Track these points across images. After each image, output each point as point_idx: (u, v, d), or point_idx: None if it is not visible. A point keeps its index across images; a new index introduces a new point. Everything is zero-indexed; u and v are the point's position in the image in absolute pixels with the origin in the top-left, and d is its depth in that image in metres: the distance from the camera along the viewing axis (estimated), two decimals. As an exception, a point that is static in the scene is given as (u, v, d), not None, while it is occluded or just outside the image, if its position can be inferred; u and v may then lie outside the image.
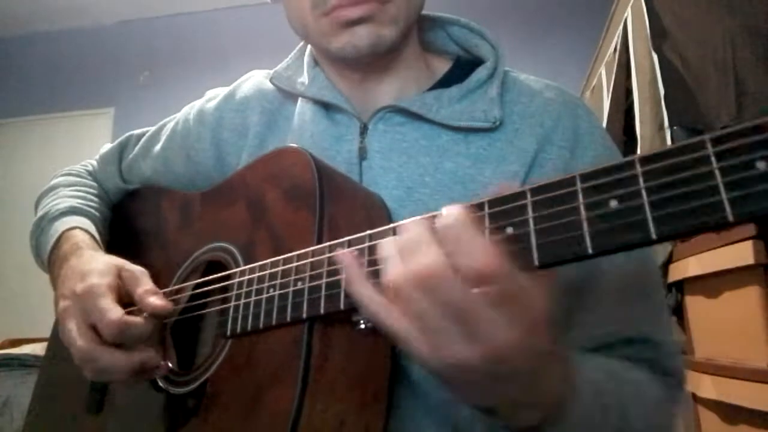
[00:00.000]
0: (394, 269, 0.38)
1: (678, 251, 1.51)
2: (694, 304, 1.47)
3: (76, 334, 0.56)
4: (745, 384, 1.17)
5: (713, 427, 1.35)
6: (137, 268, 0.62)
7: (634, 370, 0.56)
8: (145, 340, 0.57)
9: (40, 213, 0.78)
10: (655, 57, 1.74)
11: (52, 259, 0.71)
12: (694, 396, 1.45)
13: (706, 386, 1.33)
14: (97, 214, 0.79)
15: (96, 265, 0.61)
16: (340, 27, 0.62)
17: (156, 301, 0.58)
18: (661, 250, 1.56)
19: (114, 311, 0.55)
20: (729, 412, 1.27)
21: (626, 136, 2.23)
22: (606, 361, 0.55)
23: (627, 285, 0.59)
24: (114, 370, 0.56)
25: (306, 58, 0.74)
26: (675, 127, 1.61)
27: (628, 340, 0.58)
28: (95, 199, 0.83)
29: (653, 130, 1.78)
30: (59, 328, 0.59)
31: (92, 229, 0.74)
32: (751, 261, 1.11)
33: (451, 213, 0.37)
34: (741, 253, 1.15)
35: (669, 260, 1.55)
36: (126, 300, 0.60)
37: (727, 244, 1.22)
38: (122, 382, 0.57)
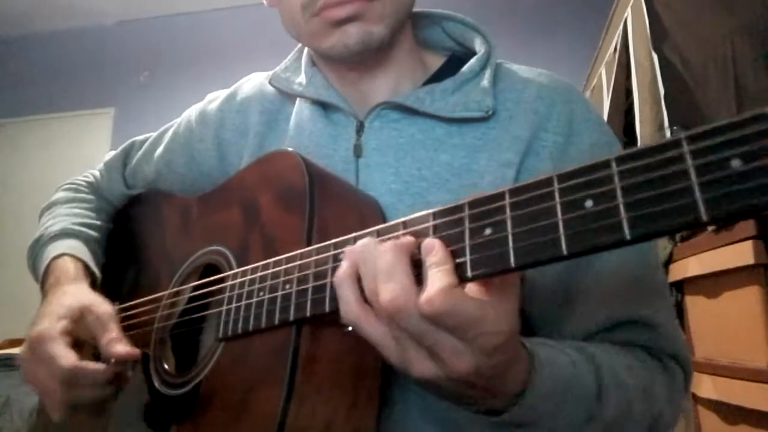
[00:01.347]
0: (369, 285, 0.40)
1: (678, 251, 1.51)
2: (694, 304, 1.46)
3: (32, 377, 0.57)
4: (745, 384, 1.16)
5: (713, 427, 1.35)
6: (105, 311, 0.62)
7: (621, 356, 0.55)
8: (103, 383, 0.57)
9: (36, 235, 0.78)
10: (655, 57, 1.74)
11: (42, 290, 0.72)
12: (694, 396, 1.44)
13: (706, 386, 1.33)
14: (90, 232, 0.79)
15: (58, 307, 0.61)
16: (329, 27, 0.62)
17: (119, 349, 0.58)
18: (661, 250, 1.55)
19: (64, 358, 0.55)
20: (729, 412, 1.27)
21: (626, 136, 2.22)
22: (585, 345, 0.54)
23: (623, 269, 0.58)
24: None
25: (303, 59, 0.75)
26: (675, 127, 1.61)
27: (624, 323, 0.58)
28: (92, 214, 0.83)
29: (653, 130, 1.78)
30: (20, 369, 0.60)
31: (82, 252, 0.75)
32: (751, 261, 1.11)
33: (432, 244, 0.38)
34: (741, 253, 1.15)
35: (669, 260, 1.55)
36: (88, 342, 0.60)
37: (727, 244, 1.21)
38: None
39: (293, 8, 0.64)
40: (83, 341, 0.60)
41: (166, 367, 0.62)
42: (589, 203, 0.32)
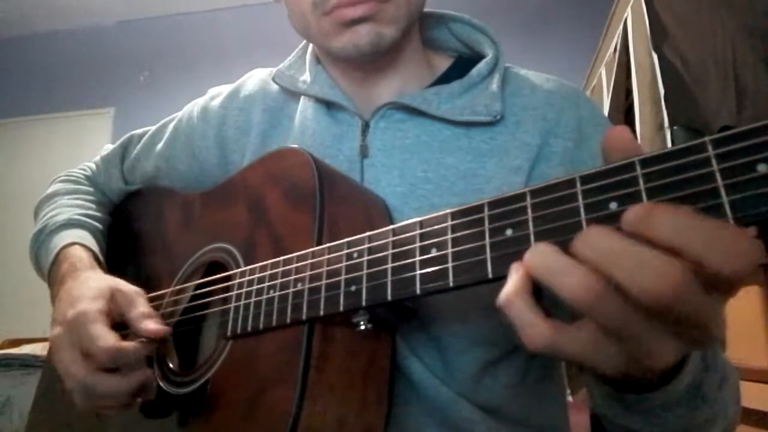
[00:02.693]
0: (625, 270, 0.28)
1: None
2: (695, 304, 1.46)
3: (70, 363, 0.55)
4: (745, 384, 1.16)
5: (713, 427, 1.35)
6: (132, 289, 0.61)
7: None
8: (141, 362, 0.55)
9: (39, 225, 0.77)
10: (655, 57, 1.74)
11: (51, 277, 0.71)
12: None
13: (706, 386, 1.33)
14: (96, 224, 0.79)
15: (88, 290, 0.60)
16: (341, 26, 0.61)
17: (150, 325, 0.56)
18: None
19: (106, 338, 0.54)
20: (729, 411, 1.27)
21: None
22: None
23: None
24: (112, 395, 0.54)
25: (308, 57, 0.74)
26: (675, 127, 1.61)
27: None
28: (94, 206, 0.82)
29: (653, 130, 1.78)
30: (52, 356, 0.58)
31: (91, 242, 0.74)
32: (751, 261, 1.11)
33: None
34: (741, 253, 1.14)
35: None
36: (120, 322, 0.59)
37: (727, 244, 1.21)
38: (118, 409, 0.56)
39: (303, 6, 0.63)
40: (115, 322, 0.59)
41: (170, 365, 0.62)
42: (613, 205, 0.32)
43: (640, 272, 0.28)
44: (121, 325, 0.59)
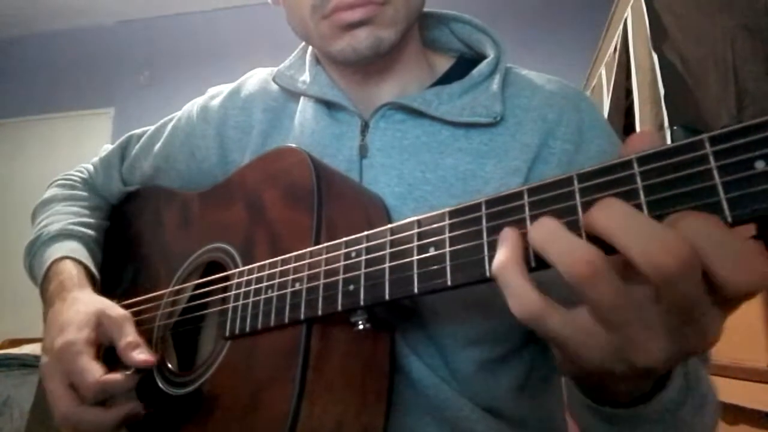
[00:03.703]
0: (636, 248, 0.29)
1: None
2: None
3: (57, 398, 0.55)
4: (745, 384, 1.16)
5: (713, 427, 1.35)
6: (120, 314, 0.61)
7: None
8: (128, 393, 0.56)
9: (33, 234, 0.77)
10: (655, 57, 1.74)
11: (42, 293, 0.71)
12: (694, 396, 1.44)
13: (706, 386, 1.33)
14: (90, 232, 0.79)
15: (75, 314, 0.60)
16: (339, 30, 0.61)
17: (138, 356, 0.57)
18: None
19: (92, 372, 0.54)
20: (729, 412, 1.27)
21: (626, 136, 2.22)
22: None
23: None
24: (98, 428, 0.55)
25: (308, 57, 0.74)
26: (675, 127, 1.61)
27: None
28: (88, 212, 0.82)
29: (653, 130, 1.78)
30: (43, 384, 0.58)
31: (83, 255, 0.74)
32: (751, 261, 1.10)
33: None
34: (741, 253, 1.14)
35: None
36: (107, 345, 0.59)
37: (727, 244, 1.21)
38: None
39: (302, 9, 0.63)
40: (101, 346, 0.60)
41: (169, 366, 0.62)
42: None
43: (650, 243, 0.28)
44: (109, 349, 0.59)
